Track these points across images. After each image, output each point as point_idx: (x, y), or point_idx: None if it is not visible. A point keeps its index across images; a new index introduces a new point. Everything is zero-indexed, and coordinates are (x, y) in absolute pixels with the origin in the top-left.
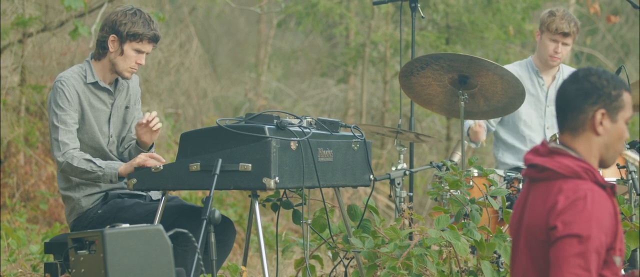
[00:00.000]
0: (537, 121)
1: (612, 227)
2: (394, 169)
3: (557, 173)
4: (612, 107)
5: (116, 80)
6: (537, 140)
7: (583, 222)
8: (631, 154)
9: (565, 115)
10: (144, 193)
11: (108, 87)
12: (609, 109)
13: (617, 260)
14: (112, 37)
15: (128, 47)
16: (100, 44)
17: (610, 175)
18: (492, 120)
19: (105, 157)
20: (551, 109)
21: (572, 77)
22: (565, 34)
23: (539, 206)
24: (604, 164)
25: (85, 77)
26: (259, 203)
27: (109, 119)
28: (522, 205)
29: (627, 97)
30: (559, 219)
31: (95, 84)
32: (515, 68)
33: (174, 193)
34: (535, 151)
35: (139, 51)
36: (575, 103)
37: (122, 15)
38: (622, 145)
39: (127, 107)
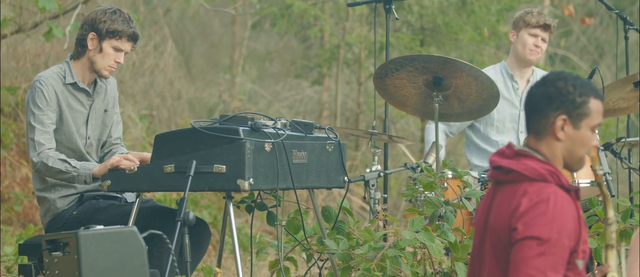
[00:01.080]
0: (510, 125)
1: (575, 231)
2: (368, 170)
3: (522, 175)
4: (574, 114)
5: (95, 82)
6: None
7: (544, 225)
8: (599, 163)
9: (531, 118)
10: (119, 195)
11: (87, 88)
12: (571, 116)
13: (580, 263)
14: (91, 34)
15: (107, 45)
16: (80, 43)
17: (584, 176)
18: (454, 127)
19: (81, 158)
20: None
21: (541, 80)
22: (546, 27)
23: (504, 208)
24: (569, 169)
25: (65, 77)
26: (233, 205)
27: (87, 120)
28: (488, 207)
29: (594, 105)
30: (520, 221)
31: (74, 85)
32: (488, 72)
33: (148, 195)
34: (501, 153)
35: (117, 49)
36: (539, 107)
37: (101, 14)
38: (587, 151)
39: (106, 111)
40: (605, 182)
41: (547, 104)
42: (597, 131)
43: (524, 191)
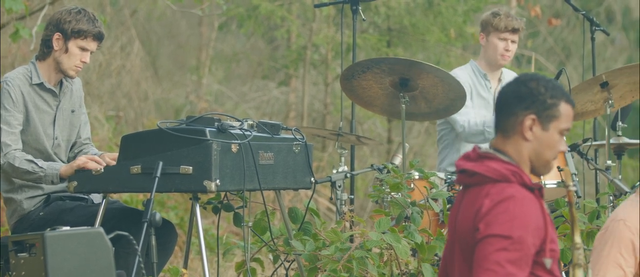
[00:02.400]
0: None
1: (539, 229)
2: (335, 171)
3: (485, 177)
4: (544, 115)
5: (61, 83)
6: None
7: (505, 223)
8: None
9: (500, 117)
10: (85, 196)
11: (53, 88)
12: (540, 116)
13: (548, 262)
14: (56, 35)
15: (72, 45)
16: (45, 43)
17: (550, 177)
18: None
19: (48, 159)
20: None
21: (514, 80)
22: (515, 30)
23: (468, 211)
24: (535, 172)
25: (31, 78)
26: (200, 206)
27: (54, 121)
28: (456, 211)
29: (565, 109)
30: (482, 221)
31: (40, 85)
32: (463, 72)
33: (115, 196)
34: (466, 156)
35: (83, 49)
36: (509, 105)
37: (66, 14)
38: (554, 154)
39: (73, 111)
40: (576, 204)
41: (517, 102)
42: (564, 137)
43: (487, 192)
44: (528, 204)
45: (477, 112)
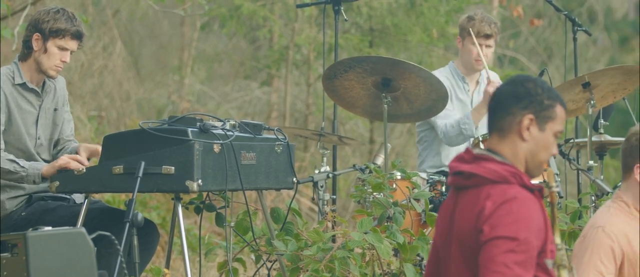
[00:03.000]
0: None
1: (541, 230)
2: (317, 171)
3: (484, 179)
4: (541, 116)
5: (44, 82)
6: (463, 146)
7: (510, 225)
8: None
9: (495, 116)
10: (68, 196)
11: (36, 88)
12: (538, 117)
13: (549, 263)
14: (35, 35)
15: (51, 45)
16: (25, 44)
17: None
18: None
19: (31, 158)
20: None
21: (509, 80)
22: (488, 36)
23: (468, 213)
24: (528, 173)
25: (14, 78)
26: (182, 206)
27: (37, 120)
28: (451, 213)
29: (560, 111)
30: (486, 224)
31: (23, 85)
32: (441, 74)
33: (97, 196)
34: (460, 158)
35: (62, 48)
36: (506, 104)
37: (44, 14)
38: (548, 156)
39: (56, 109)
40: (558, 204)
41: (515, 102)
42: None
43: (487, 194)
44: (530, 205)
45: (453, 115)
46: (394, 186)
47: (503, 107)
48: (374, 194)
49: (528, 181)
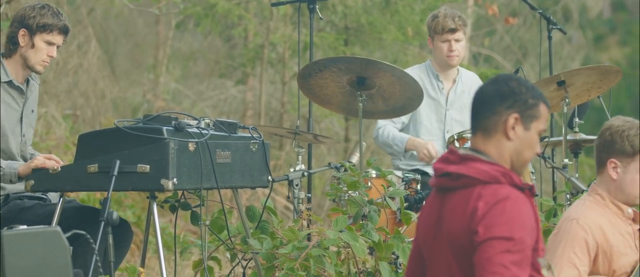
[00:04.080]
0: (436, 125)
1: (534, 229)
2: (292, 170)
3: (474, 179)
4: (526, 115)
5: (27, 81)
6: (437, 144)
7: (504, 225)
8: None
9: (480, 116)
10: (44, 195)
11: (21, 86)
12: (523, 116)
13: (542, 261)
14: (22, 31)
15: (38, 40)
16: (10, 40)
17: None
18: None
19: (13, 158)
20: (451, 113)
21: (493, 79)
22: (453, 30)
23: (459, 214)
24: (513, 171)
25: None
26: (157, 204)
27: (21, 119)
28: (437, 214)
29: (543, 110)
30: (480, 225)
31: (9, 83)
32: (415, 71)
33: (72, 195)
34: (445, 159)
35: (49, 43)
36: (491, 104)
37: (30, 10)
38: (532, 155)
39: (32, 111)
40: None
41: (499, 101)
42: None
43: (479, 195)
44: (522, 204)
45: (394, 125)
46: (369, 184)
47: (488, 107)
48: (350, 192)
49: (518, 180)
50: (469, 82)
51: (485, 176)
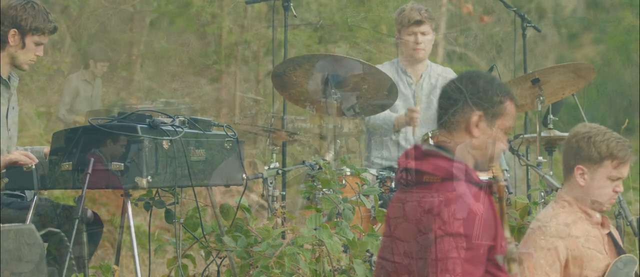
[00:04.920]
0: None
1: (491, 227)
2: (266, 168)
3: (432, 175)
4: (490, 112)
5: (9, 77)
6: (409, 139)
7: (457, 222)
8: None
9: (444, 112)
10: (21, 193)
11: (7, 81)
12: (487, 113)
13: (500, 258)
14: (12, 31)
15: (29, 41)
16: None
17: (483, 173)
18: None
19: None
20: (420, 108)
21: (459, 77)
22: (419, 22)
23: (416, 210)
24: (478, 168)
25: None
26: (131, 202)
27: (7, 114)
28: (401, 209)
29: (510, 107)
30: (435, 221)
31: None
32: (385, 68)
33: (45, 193)
34: (407, 154)
35: (38, 43)
36: (455, 101)
37: (21, 10)
38: (498, 151)
39: (13, 108)
40: (507, 199)
41: (463, 99)
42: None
43: (435, 191)
44: (477, 202)
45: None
46: (344, 182)
47: (452, 104)
48: (324, 190)
49: (476, 177)
50: (438, 76)
51: (442, 172)
